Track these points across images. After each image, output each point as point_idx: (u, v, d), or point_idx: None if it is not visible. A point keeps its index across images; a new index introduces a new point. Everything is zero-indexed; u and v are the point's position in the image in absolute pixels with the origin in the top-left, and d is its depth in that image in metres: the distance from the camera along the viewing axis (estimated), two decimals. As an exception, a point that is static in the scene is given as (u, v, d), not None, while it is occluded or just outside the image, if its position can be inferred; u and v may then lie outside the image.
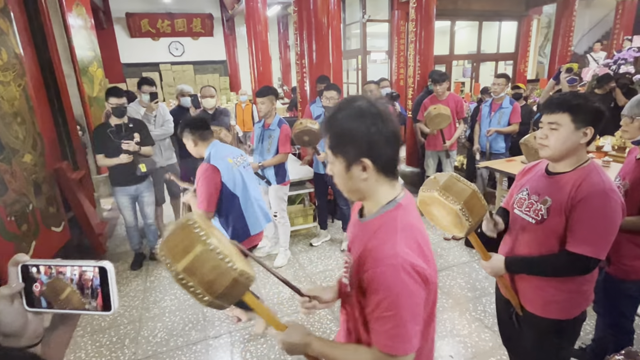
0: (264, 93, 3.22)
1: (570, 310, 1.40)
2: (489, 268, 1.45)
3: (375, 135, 0.86)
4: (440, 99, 3.97)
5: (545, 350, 1.49)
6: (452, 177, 1.31)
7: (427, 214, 1.40)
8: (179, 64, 10.10)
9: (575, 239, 1.28)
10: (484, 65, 9.20)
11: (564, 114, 1.28)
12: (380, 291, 0.84)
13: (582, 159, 1.35)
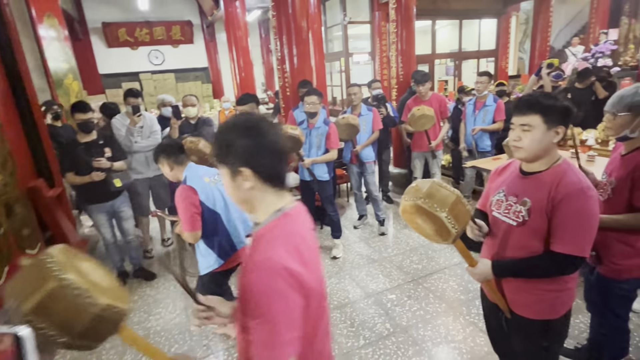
0: (245, 101, 3.15)
1: (557, 309, 1.40)
2: (476, 274, 1.43)
3: (252, 147, 0.91)
4: (423, 100, 3.94)
5: (536, 352, 1.48)
6: (434, 183, 1.29)
7: (411, 223, 1.37)
8: (160, 73, 9.93)
9: (559, 239, 1.28)
10: (466, 63, 9.27)
11: (536, 116, 1.29)
12: (253, 296, 0.84)
13: (555, 157, 1.36)
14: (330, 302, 2.92)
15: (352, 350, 2.39)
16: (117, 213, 3.25)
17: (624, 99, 1.62)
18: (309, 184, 3.53)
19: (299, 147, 3.23)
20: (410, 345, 2.39)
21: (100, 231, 3.21)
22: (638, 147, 1.64)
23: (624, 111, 1.61)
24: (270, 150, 0.93)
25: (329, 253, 3.65)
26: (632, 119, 1.60)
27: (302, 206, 1.04)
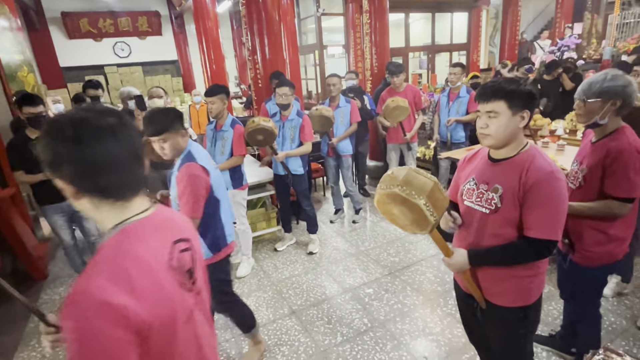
0: (214, 92, 2.99)
1: (532, 294, 1.40)
2: (452, 265, 1.40)
3: (76, 163, 0.76)
4: (397, 91, 3.90)
5: (512, 340, 1.49)
6: (410, 170, 1.25)
7: (386, 214, 1.32)
8: (126, 66, 9.48)
9: (532, 224, 1.28)
10: (439, 57, 9.36)
11: (500, 101, 1.28)
12: (68, 336, 0.70)
13: (522, 142, 1.35)
14: (307, 299, 2.84)
15: (330, 347, 2.33)
16: (76, 213, 3.03)
17: (593, 85, 1.60)
18: (283, 179, 3.42)
19: (272, 140, 3.11)
20: (388, 340, 2.35)
21: (58, 234, 2.98)
22: (608, 134, 1.64)
23: (593, 97, 1.59)
24: (106, 162, 0.77)
25: (305, 249, 3.57)
26: (601, 105, 1.58)
27: (160, 213, 0.89)
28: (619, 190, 1.57)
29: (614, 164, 1.56)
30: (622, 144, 1.57)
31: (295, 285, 3.03)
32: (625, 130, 1.62)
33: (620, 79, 1.57)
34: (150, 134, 1.80)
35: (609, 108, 1.58)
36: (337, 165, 4.03)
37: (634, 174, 1.55)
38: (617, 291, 2.57)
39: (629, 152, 1.55)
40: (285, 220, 3.69)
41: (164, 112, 1.84)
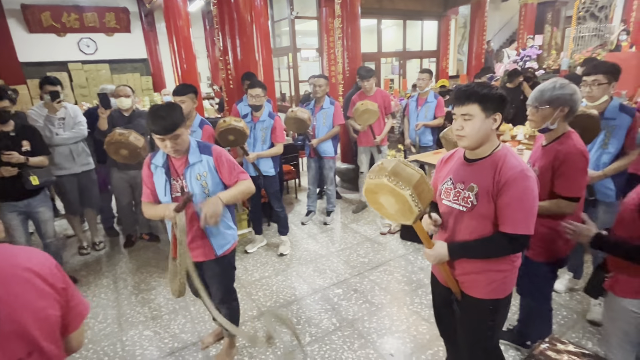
0: (184, 91, 2.93)
1: (505, 288, 1.49)
2: (432, 256, 1.46)
3: None
4: (368, 95, 3.98)
5: (482, 332, 1.57)
6: (399, 162, 1.32)
7: (373, 204, 1.39)
8: (92, 63, 9.11)
9: (506, 220, 1.35)
10: (410, 63, 9.62)
11: (474, 105, 1.35)
12: None
13: (495, 143, 1.43)
14: (276, 300, 2.84)
15: (298, 348, 2.34)
16: (33, 214, 2.90)
17: (544, 93, 1.70)
18: (255, 180, 3.38)
19: (244, 141, 3.10)
20: (356, 339, 2.39)
21: (11, 234, 2.83)
22: (556, 138, 1.75)
23: (544, 105, 1.70)
24: None
25: (276, 250, 3.57)
26: (552, 111, 1.69)
27: None
28: (567, 190, 1.68)
29: (562, 166, 1.67)
30: (569, 147, 1.68)
31: (265, 287, 3.02)
32: (572, 134, 1.74)
33: (568, 88, 1.68)
34: (164, 131, 1.67)
35: (558, 114, 1.69)
36: (318, 167, 4.06)
37: (580, 175, 1.68)
38: (569, 287, 2.74)
39: (575, 155, 1.66)
40: (256, 222, 3.67)
41: (172, 106, 1.74)
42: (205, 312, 2.71)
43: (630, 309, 1.47)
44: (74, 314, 0.95)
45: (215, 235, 1.94)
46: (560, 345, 1.25)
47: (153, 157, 1.91)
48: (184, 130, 1.75)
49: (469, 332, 1.60)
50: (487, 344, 1.60)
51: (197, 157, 1.85)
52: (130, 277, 3.25)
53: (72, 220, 3.64)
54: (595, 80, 2.20)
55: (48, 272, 0.89)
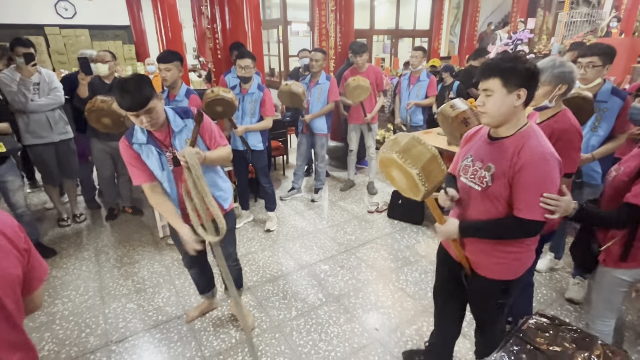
0: (169, 58, 2.81)
1: (516, 270, 1.46)
2: (443, 232, 1.45)
3: None
4: (360, 71, 3.90)
5: (491, 310, 1.58)
6: (413, 139, 1.30)
7: (386, 175, 1.42)
8: (70, 28, 8.64)
9: (521, 205, 1.31)
10: (402, 42, 9.47)
11: (495, 79, 1.27)
12: None
13: (521, 122, 1.35)
14: (263, 275, 2.83)
15: (284, 322, 2.35)
16: (1, 183, 2.78)
17: (544, 70, 1.67)
18: (242, 154, 3.33)
19: (232, 113, 3.00)
20: (341, 314, 2.41)
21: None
22: (552, 116, 1.74)
23: (546, 83, 1.68)
24: None
25: (263, 226, 3.54)
26: (551, 89, 1.68)
27: None
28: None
29: (557, 143, 1.62)
30: (565, 124, 1.68)
31: (252, 262, 3.00)
32: (567, 112, 1.73)
33: (567, 66, 1.67)
34: (136, 107, 1.56)
35: (557, 92, 1.69)
36: (310, 143, 4.00)
37: (575, 152, 1.69)
38: (550, 267, 2.81)
39: (571, 132, 1.66)
40: (243, 198, 3.62)
41: (140, 80, 1.59)
42: (190, 285, 2.69)
43: (621, 277, 1.57)
44: (34, 275, 0.97)
45: (216, 190, 1.95)
46: (546, 320, 1.27)
47: (130, 137, 1.76)
48: (157, 102, 1.64)
49: (478, 308, 1.62)
50: (494, 322, 1.62)
51: (180, 123, 1.78)
52: (112, 251, 3.18)
53: (51, 191, 3.51)
54: (590, 62, 2.18)
55: (11, 232, 0.90)
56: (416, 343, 2.17)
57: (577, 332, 1.22)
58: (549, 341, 1.18)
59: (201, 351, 2.13)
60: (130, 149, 1.76)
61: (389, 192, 4.22)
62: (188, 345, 2.17)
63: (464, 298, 1.65)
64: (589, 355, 1.12)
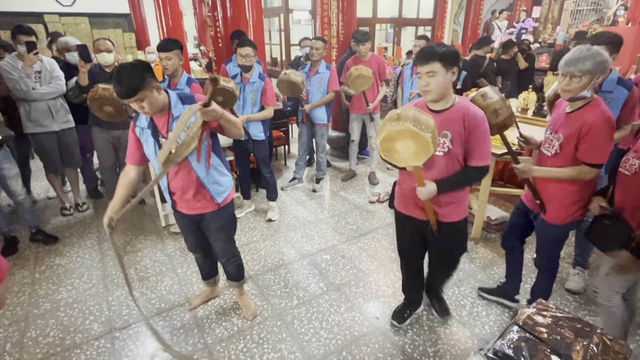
0: (170, 47, 2.77)
1: (463, 212, 1.88)
2: (425, 192, 1.70)
3: None
4: (362, 60, 3.86)
5: (459, 248, 2.01)
6: (415, 110, 1.51)
7: (386, 151, 1.56)
8: (70, 16, 8.56)
9: (475, 156, 1.69)
10: (405, 31, 9.35)
11: (436, 63, 1.58)
12: None
13: (453, 95, 1.70)
14: (264, 264, 2.85)
15: (285, 310, 2.37)
16: (1, 171, 2.79)
17: (585, 61, 1.62)
18: (243, 144, 3.32)
19: (233, 102, 2.99)
20: (342, 302, 2.43)
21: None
22: (582, 106, 1.72)
23: (586, 73, 1.63)
24: None
25: (264, 216, 3.55)
26: (589, 80, 1.64)
27: None
28: (592, 157, 1.69)
29: (588, 133, 1.66)
30: (597, 115, 1.66)
31: (253, 251, 3.02)
32: (599, 102, 1.71)
33: (604, 55, 1.63)
34: (123, 96, 1.57)
35: (595, 82, 1.65)
36: (310, 133, 3.98)
37: (607, 142, 1.67)
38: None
39: (603, 122, 1.65)
40: (244, 187, 3.63)
41: (133, 69, 1.57)
42: (192, 274, 2.71)
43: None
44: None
45: (211, 182, 1.90)
46: (545, 309, 1.28)
47: (136, 119, 1.81)
48: (148, 93, 1.61)
49: (451, 251, 1.99)
50: (458, 257, 2.06)
51: (181, 109, 1.76)
52: (115, 239, 3.20)
53: (53, 180, 3.52)
54: None
55: None
56: (416, 331, 2.19)
57: (577, 322, 1.23)
58: (548, 330, 1.19)
59: (204, 338, 2.16)
60: (133, 132, 1.83)
61: (390, 182, 4.22)
62: (191, 332, 2.20)
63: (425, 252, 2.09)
64: (588, 344, 1.13)
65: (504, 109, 1.82)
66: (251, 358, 2.02)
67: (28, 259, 2.93)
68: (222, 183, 1.96)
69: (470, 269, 2.76)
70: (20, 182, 2.94)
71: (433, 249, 2.01)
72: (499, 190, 3.54)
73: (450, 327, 2.22)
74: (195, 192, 1.89)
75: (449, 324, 2.24)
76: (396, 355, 2.03)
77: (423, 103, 1.74)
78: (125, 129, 3.48)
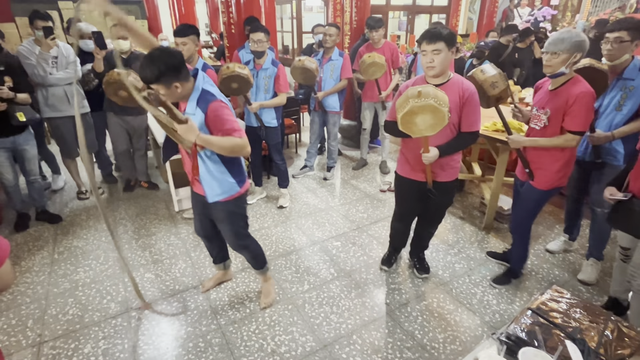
0: (186, 32, 2.77)
1: (455, 174, 2.17)
2: (429, 157, 1.96)
3: None
4: (375, 47, 3.81)
5: (449, 202, 2.36)
6: (433, 87, 1.74)
7: (406, 124, 1.77)
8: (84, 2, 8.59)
9: (468, 124, 1.97)
10: (418, 19, 9.17)
11: (441, 42, 1.82)
12: None
13: (449, 72, 1.96)
14: (276, 250, 2.88)
15: (297, 294, 2.41)
16: (19, 151, 2.93)
17: (563, 40, 1.86)
18: (255, 131, 3.33)
19: (248, 89, 2.99)
20: (353, 288, 2.46)
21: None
22: (564, 82, 1.96)
23: (565, 51, 1.86)
24: None
25: (276, 203, 3.58)
26: (568, 57, 1.88)
27: None
28: (576, 125, 1.93)
29: (575, 104, 1.90)
30: (581, 88, 1.89)
31: (265, 237, 3.05)
32: (580, 78, 1.94)
33: (582, 35, 1.87)
34: (146, 82, 1.55)
35: (572, 60, 1.89)
36: (322, 121, 3.98)
37: (589, 112, 1.91)
38: (563, 248, 2.80)
39: (587, 95, 1.88)
40: (256, 174, 3.65)
41: (156, 60, 1.53)
42: (205, 258, 2.76)
43: None
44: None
45: (207, 181, 1.86)
46: (559, 294, 1.28)
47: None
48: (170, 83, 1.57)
49: (440, 207, 2.32)
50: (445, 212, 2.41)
51: (192, 108, 1.71)
52: (130, 223, 3.27)
53: (70, 164, 3.59)
54: (618, 37, 2.08)
55: None
56: (426, 318, 2.21)
57: (591, 308, 1.22)
58: (562, 316, 1.19)
59: (217, 319, 2.20)
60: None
61: (401, 171, 4.20)
62: (204, 313, 2.25)
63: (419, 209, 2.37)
64: (602, 330, 1.13)
65: (501, 82, 2.09)
66: (263, 339, 2.06)
67: (47, 240, 3.01)
68: (222, 186, 1.88)
69: (481, 258, 2.75)
70: (36, 164, 3.08)
71: (428, 205, 2.29)
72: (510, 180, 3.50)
73: (460, 315, 2.23)
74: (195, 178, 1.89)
75: (459, 312, 2.25)
76: (406, 341, 2.05)
77: (422, 78, 2.01)
78: (138, 115, 3.53)
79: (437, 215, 2.40)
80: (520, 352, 1.01)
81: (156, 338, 2.08)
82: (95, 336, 2.09)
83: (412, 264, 2.65)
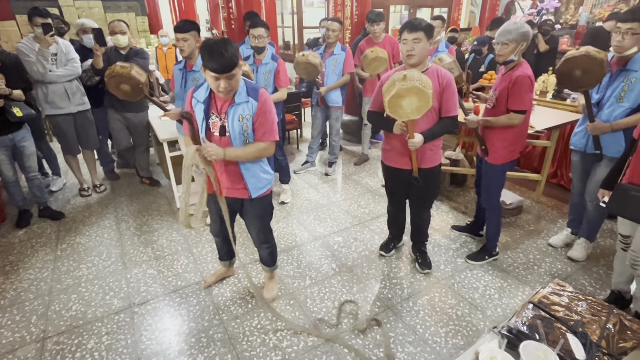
0: (186, 28, 2.75)
1: (438, 160, 2.27)
2: (415, 143, 2.05)
3: None
4: (376, 42, 3.79)
5: (435, 188, 2.41)
6: (418, 72, 1.88)
7: (393, 107, 1.86)
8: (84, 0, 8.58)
9: (448, 109, 2.08)
10: (420, 12, 9.09)
11: (421, 32, 1.95)
12: None
13: (427, 62, 2.08)
14: (277, 245, 2.87)
15: (298, 289, 2.41)
16: (18, 148, 2.95)
17: (511, 32, 2.09)
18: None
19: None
20: (354, 283, 2.46)
21: None
22: (512, 67, 2.19)
23: (513, 41, 2.10)
24: None
25: (277, 198, 3.58)
26: (516, 46, 2.12)
27: None
28: (517, 105, 2.18)
29: (514, 87, 2.14)
30: (520, 72, 2.13)
31: (266, 232, 3.05)
32: (523, 64, 2.18)
33: (527, 26, 2.09)
34: (220, 70, 1.55)
35: (519, 48, 2.13)
36: (324, 116, 3.97)
37: (527, 93, 2.15)
38: (565, 242, 2.79)
39: (524, 78, 2.12)
40: (257, 170, 3.64)
41: (229, 43, 1.57)
42: (207, 253, 2.77)
43: None
44: None
45: (250, 177, 1.90)
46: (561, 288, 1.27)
47: (196, 89, 1.81)
48: (238, 70, 1.62)
49: (427, 192, 2.36)
50: (434, 196, 2.48)
51: (244, 97, 1.73)
52: (132, 220, 3.28)
53: (71, 161, 3.60)
54: (630, 28, 2.01)
55: None
56: (428, 312, 2.21)
57: (593, 302, 1.22)
58: (564, 309, 1.18)
59: (219, 314, 2.21)
60: (190, 100, 1.83)
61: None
62: (207, 309, 2.26)
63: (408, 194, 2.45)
64: (604, 323, 1.12)
65: (455, 69, 2.40)
66: (265, 334, 2.07)
67: (50, 237, 3.03)
68: (262, 180, 1.93)
69: (483, 253, 2.74)
70: (35, 160, 3.09)
71: (414, 191, 2.36)
72: (514, 174, 3.49)
73: (462, 309, 2.23)
74: (233, 179, 1.89)
75: (460, 306, 2.25)
76: (408, 335, 2.05)
77: (402, 68, 2.10)
78: (138, 111, 3.53)
79: (427, 200, 2.45)
80: (521, 346, 1.01)
81: (159, 333, 2.09)
82: (98, 332, 2.10)
83: (414, 259, 2.65)
